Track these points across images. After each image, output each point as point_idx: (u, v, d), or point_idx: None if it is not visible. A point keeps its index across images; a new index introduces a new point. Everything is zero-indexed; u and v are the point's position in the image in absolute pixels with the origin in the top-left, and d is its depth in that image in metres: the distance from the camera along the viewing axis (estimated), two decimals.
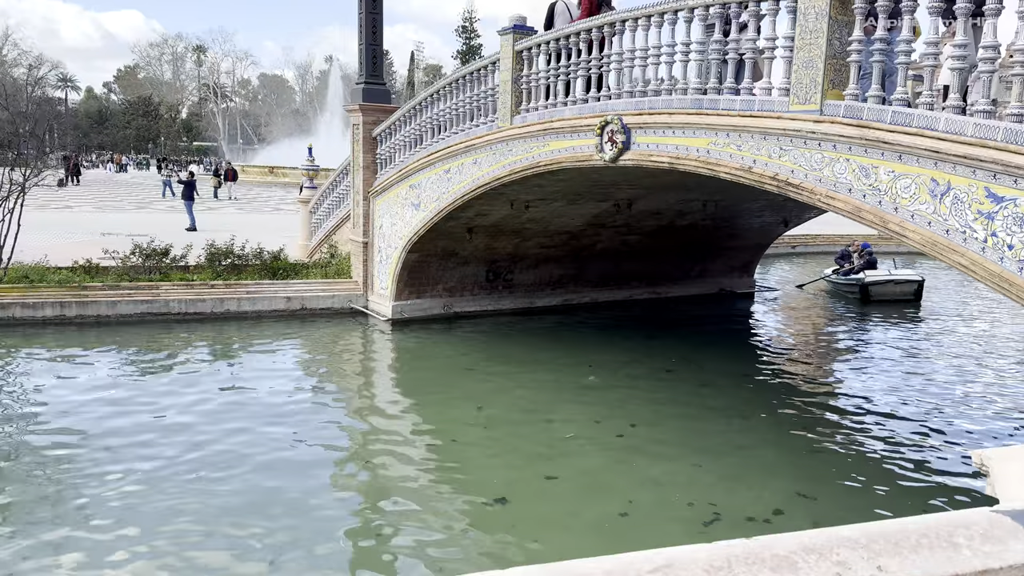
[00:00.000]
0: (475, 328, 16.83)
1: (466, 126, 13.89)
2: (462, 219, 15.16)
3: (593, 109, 10.86)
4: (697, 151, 9.24)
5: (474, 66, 13.74)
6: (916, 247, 7.24)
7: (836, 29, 7.90)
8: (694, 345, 15.97)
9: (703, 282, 21.02)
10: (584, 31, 11.04)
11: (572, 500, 8.82)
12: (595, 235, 17.72)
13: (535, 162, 12.07)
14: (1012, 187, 6.40)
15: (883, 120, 7.40)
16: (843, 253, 22.46)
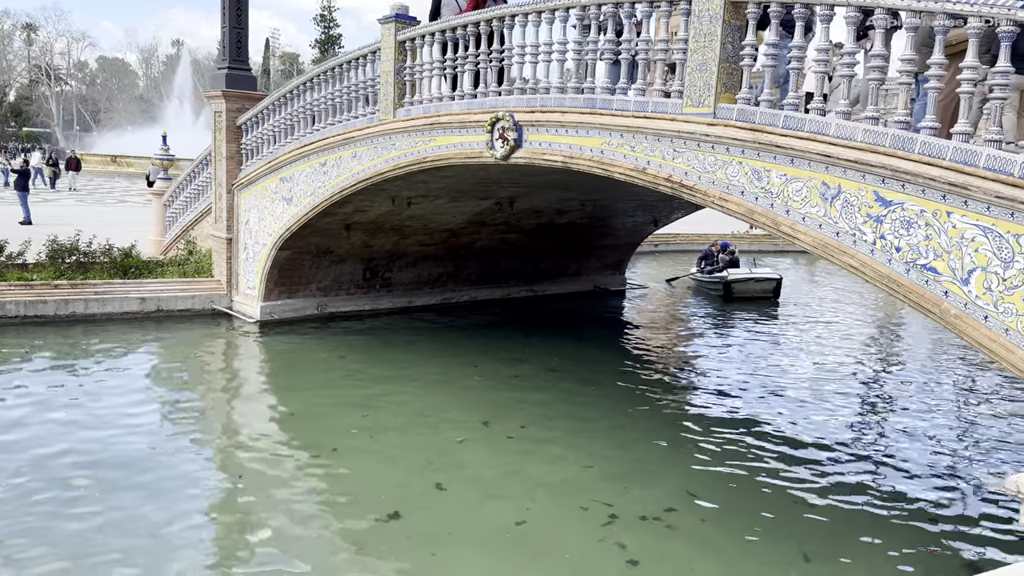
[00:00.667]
0: (352, 329, 16.14)
1: (344, 117, 13.22)
2: (339, 215, 14.46)
3: (483, 105, 10.55)
4: (591, 151, 9.14)
5: (353, 54, 13.09)
6: (808, 249, 7.42)
7: (729, 33, 7.99)
8: (574, 343, 16.05)
9: (579, 280, 21.26)
10: (472, 24, 10.70)
11: (467, 510, 8.51)
12: (475, 233, 17.46)
13: (421, 158, 11.62)
14: (900, 191, 6.66)
15: (775, 124, 7.55)
16: (706, 253, 23.36)
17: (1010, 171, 5.92)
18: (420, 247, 17.26)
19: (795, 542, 7.99)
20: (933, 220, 6.44)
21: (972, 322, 6.19)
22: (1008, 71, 6.06)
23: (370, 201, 14.16)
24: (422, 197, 14.52)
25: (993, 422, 12.04)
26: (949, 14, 6.31)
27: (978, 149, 6.13)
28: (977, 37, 6.19)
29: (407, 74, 12.01)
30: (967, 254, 6.22)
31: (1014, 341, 5.93)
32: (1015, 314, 5.92)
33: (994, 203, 6.00)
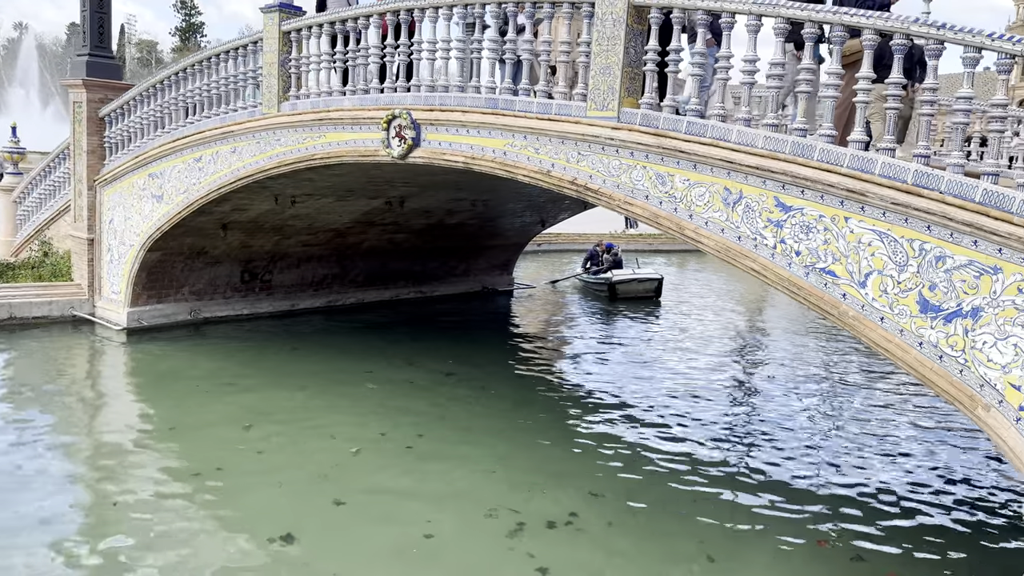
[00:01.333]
0: (230, 336, 15.23)
1: (223, 110, 12.41)
2: (216, 214, 13.59)
3: (377, 101, 10.14)
4: (494, 152, 8.94)
5: (233, 44, 12.31)
6: (711, 252, 7.52)
7: (632, 37, 7.99)
8: (467, 345, 15.83)
9: (467, 280, 21.05)
10: (364, 16, 10.26)
11: (369, 526, 8.12)
12: (362, 233, 16.90)
13: (309, 154, 11.05)
14: (799, 197, 6.84)
15: (678, 130, 7.61)
16: (592, 253, 23.71)
17: (904, 178, 6.19)
18: (303, 248, 16.53)
19: (697, 541, 8.11)
20: (831, 225, 6.65)
21: (869, 323, 6.43)
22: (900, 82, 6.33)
23: (250, 199, 13.39)
24: (307, 196, 13.88)
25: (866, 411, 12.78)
26: (847, 26, 6.53)
27: (874, 156, 6.37)
28: (872, 49, 6.43)
29: (292, 66, 11.40)
30: (864, 258, 6.45)
31: (908, 341, 6.20)
32: (909, 315, 6.19)
33: (889, 209, 6.25)
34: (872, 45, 6.43)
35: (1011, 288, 5.59)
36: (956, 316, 5.91)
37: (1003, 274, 5.63)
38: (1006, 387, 5.63)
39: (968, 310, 5.83)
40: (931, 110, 6.23)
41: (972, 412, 5.88)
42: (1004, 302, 5.63)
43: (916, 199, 6.07)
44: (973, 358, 5.82)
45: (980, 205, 5.70)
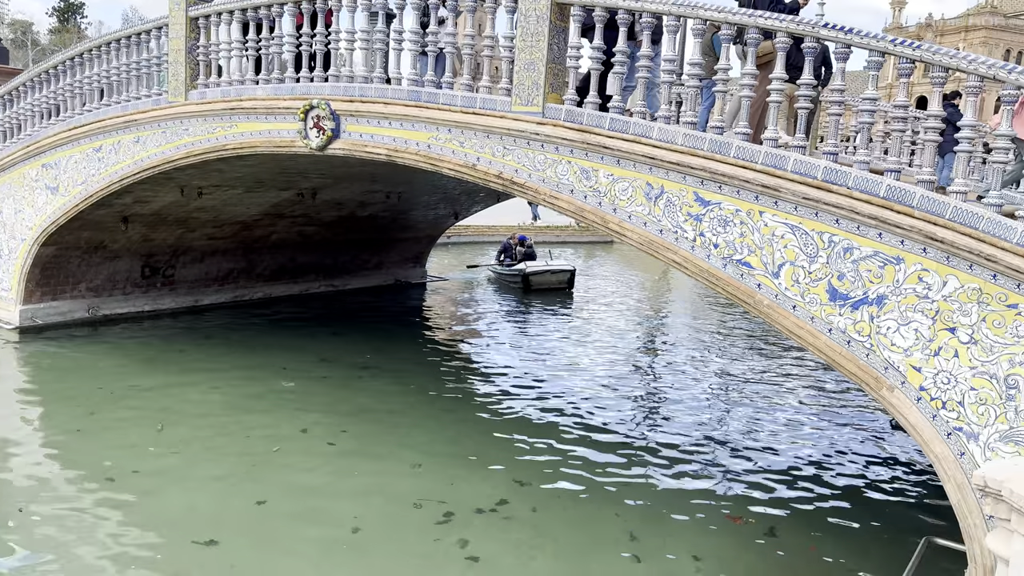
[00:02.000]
0: (131, 333, 14.60)
1: (125, 97, 11.83)
2: (116, 206, 12.98)
3: (294, 91, 9.92)
4: (417, 144, 8.92)
5: (136, 29, 11.75)
6: (634, 245, 7.77)
7: (555, 34, 8.14)
8: (383, 338, 15.71)
9: (379, 273, 20.84)
10: (279, 4, 10.01)
11: (294, 525, 8.00)
12: (271, 226, 16.48)
13: (220, 145, 10.70)
14: (717, 192, 7.16)
15: (602, 126, 7.81)
16: (505, 246, 23.84)
17: (814, 174, 6.58)
18: (209, 241, 15.98)
19: (620, 521, 8.40)
20: (747, 219, 7.00)
21: (783, 311, 6.82)
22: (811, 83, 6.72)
23: (154, 191, 12.84)
24: (215, 187, 13.42)
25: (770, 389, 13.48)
26: (761, 28, 6.87)
27: (786, 154, 6.74)
28: (784, 50, 6.80)
29: (201, 54, 10.99)
30: (777, 250, 6.83)
31: (818, 328, 6.61)
32: (819, 304, 6.60)
33: (801, 203, 6.64)
34: (784, 47, 6.79)
35: (912, 277, 6.05)
36: (863, 303, 6.34)
37: (905, 264, 6.10)
38: (908, 369, 6.10)
39: (874, 298, 6.28)
40: (838, 110, 6.64)
41: (878, 392, 6.34)
42: (906, 290, 6.10)
43: (826, 194, 6.47)
44: (878, 342, 6.27)
45: (884, 200, 6.14)
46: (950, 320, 5.89)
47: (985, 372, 5.74)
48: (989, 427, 5.70)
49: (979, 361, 5.77)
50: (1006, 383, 5.64)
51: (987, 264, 5.67)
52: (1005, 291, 5.64)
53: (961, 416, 5.88)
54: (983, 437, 5.74)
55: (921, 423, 5.99)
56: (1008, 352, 5.63)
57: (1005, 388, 5.65)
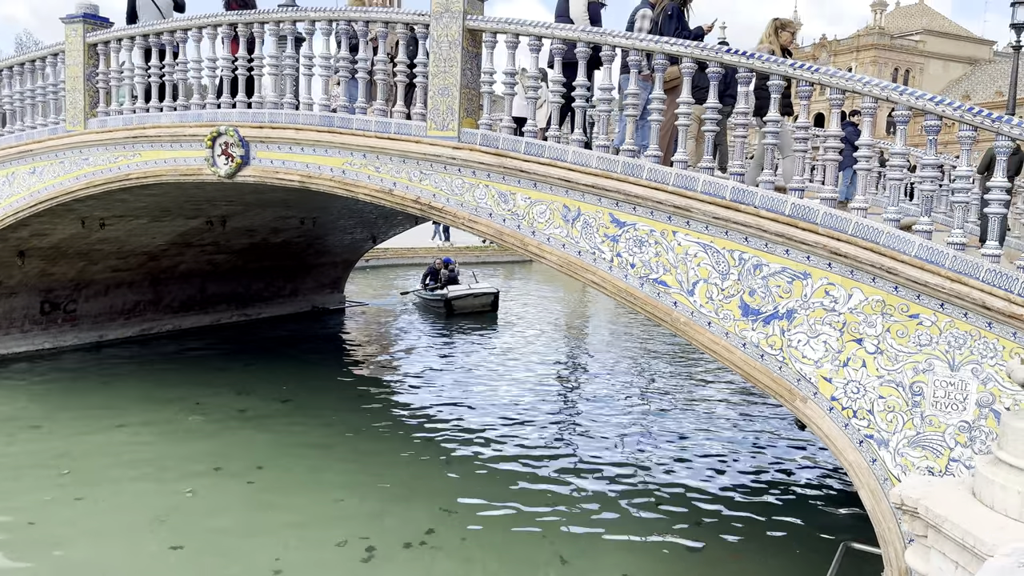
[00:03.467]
0: (31, 374, 13.79)
1: (19, 127, 11.24)
2: (11, 241, 12.29)
3: (200, 117, 9.61)
4: (331, 170, 8.77)
5: (28, 55, 11.21)
6: (554, 267, 7.82)
7: (468, 60, 8.16)
8: (300, 369, 15.31)
9: (295, 300, 20.35)
10: (182, 29, 9.72)
11: (213, 569, 7.67)
12: (178, 255, 15.90)
13: (123, 174, 10.27)
14: (632, 213, 7.29)
15: (518, 150, 7.85)
16: (431, 270, 23.45)
17: (722, 195, 6.77)
18: (113, 273, 15.30)
19: (549, 544, 8.38)
20: (661, 239, 7.14)
21: (698, 328, 6.97)
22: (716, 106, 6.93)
23: (53, 223, 12.22)
24: (118, 217, 12.87)
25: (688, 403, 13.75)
26: (668, 54, 7.06)
27: (696, 175, 6.92)
28: (690, 75, 7.00)
29: (101, 81, 10.55)
30: (691, 268, 6.98)
31: (733, 343, 6.78)
32: (733, 319, 6.78)
33: (711, 223, 6.82)
34: (690, 72, 6.99)
35: (819, 291, 6.28)
36: (774, 318, 6.54)
37: (812, 279, 6.32)
38: (819, 380, 6.31)
39: (784, 312, 6.48)
40: (743, 132, 6.87)
41: (791, 404, 6.53)
42: (814, 304, 6.32)
43: (734, 213, 6.66)
44: (790, 355, 6.47)
45: (790, 218, 6.37)
46: (857, 332, 6.13)
47: (892, 380, 5.99)
48: (898, 433, 5.95)
49: (885, 370, 6.01)
50: (911, 390, 5.90)
51: (888, 277, 5.93)
52: (907, 302, 5.91)
53: (871, 424, 6.11)
54: (893, 443, 5.98)
55: (834, 432, 6.20)
56: (912, 360, 5.89)
57: (911, 395, 5.90)
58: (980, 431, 5.64)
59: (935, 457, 5.83)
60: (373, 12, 8.57)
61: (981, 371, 5.64)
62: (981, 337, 5.64)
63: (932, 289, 5.75)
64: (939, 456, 5.82)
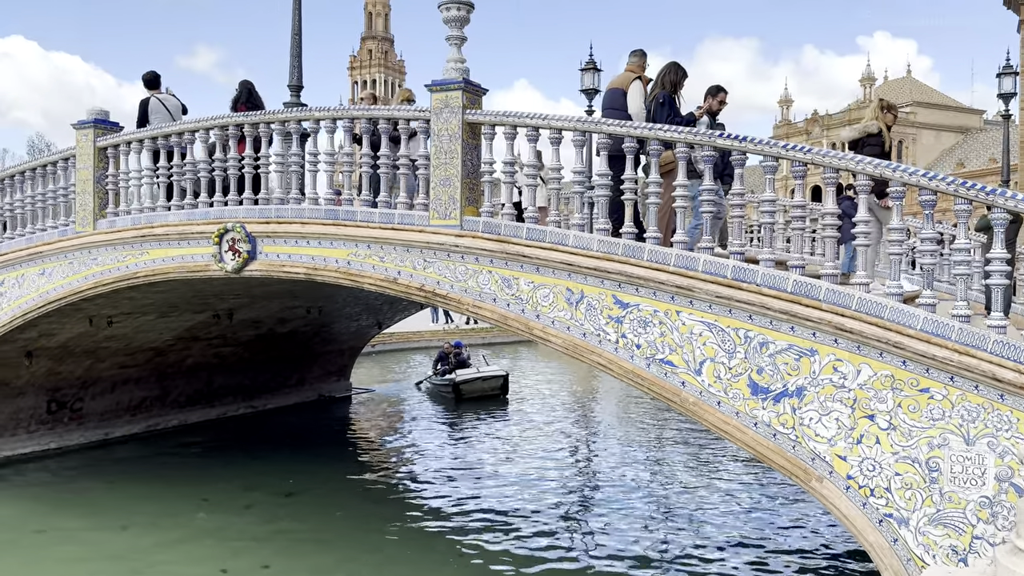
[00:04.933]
0: (37, 475, 13.62)
1: (29, 230, 11.47)
2: (20, 342, 12.34)
3: (207, 215, 9.81)
4: (337, 262, 8.89)
5: (40, 160, 11.56)
6: (559, 350, 7.82)
7: (468, 151, 8.38)
8: (307, 461, 15.10)
9: (302, 390, 20.25)
10: (190, 132, 10.03)
11: None
12: (185, 350, 15.93)
13: (131, 273, 10.41)
14: (635, 295, 7.33)
15: (519, 236, 7.98)
16: (441, 355, 23.18)
17: (724, 273, 6.83)
18: (119, 370, 15.29)
19: None
20: (665, 319, 7.16)
21: (708, 408, 6.91)
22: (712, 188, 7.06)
23: (61, 323, 12.31)
24: (126, 315, 12.96)
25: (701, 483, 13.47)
26: (661, 140, 7.24)
27: (697, 255, 7.00)
28: (684, 159, 7.16)
29: (111, 183, 10.83)
30: (697, 347, 6.98)
31: (744, 423, 6.71)
32: (743, 398, 6.73)
33: (715, 302, 6.85)
34: (684, 156, 7.16)
35: (827, 367, 6.26)
36: (783, 396, 6.49)
37: (819, 355, 6.30)
38: (834, 459, 6.21)
39: (793, 390, 6.44)
40: (741, 212, 6.98)
41: (807, 484, 6.41)
42: (823, 380, 6.28)
43: (737, 292, 6.70)
44: (803, 434, 6.39)
45: (792, 295, 6.40)
46: (868, 408, 6.07)
47: (907, 456, 5.89)
48: (918, 511, 5.82)
49: (900, 446, 5.93)
50: (928, 466, 5.80)
51: (896, 351, 5.92)
52: (916, 376, 5.87)
53: (890, 502, 5.98)
54: (913, 522, 5.84)
55: (852, 512, 6.06)
56: (926, 435, 5.82)
57: (927, 471, 5.80)
58: (1002, 506, 5.52)
59: (958, 535, 5.69)
60: (376, 110, 8.84)
61: (997, 444, 5.56)
62: (994, 410, 5.58)
63: (940, 362, 5.72)
64: (962, 534, 5.67)
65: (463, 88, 8.29)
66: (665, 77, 8.17)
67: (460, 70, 8.46)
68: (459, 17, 8.47)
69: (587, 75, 22.96)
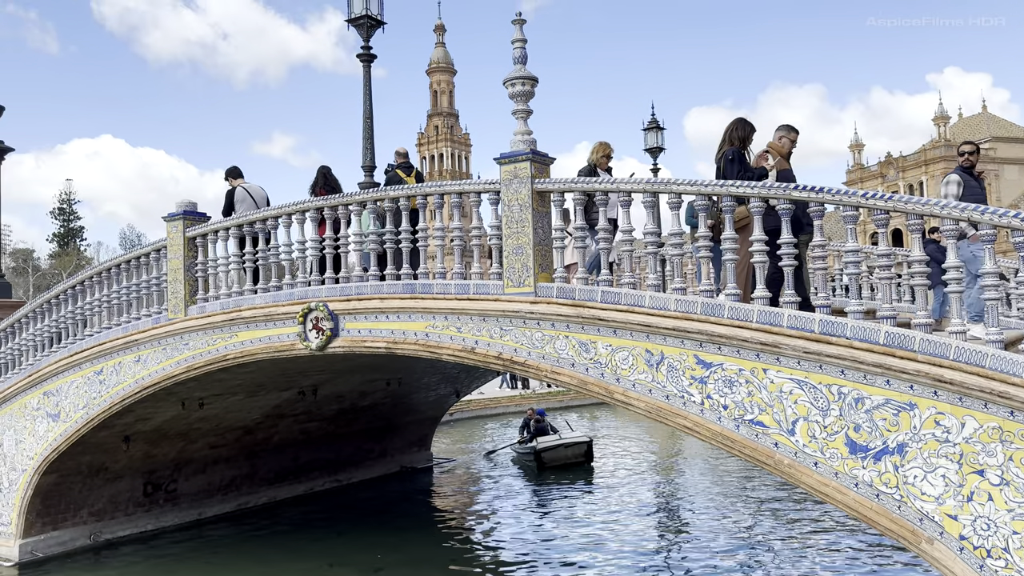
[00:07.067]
0: (134, 558, 13.96)
1: (125, 319, 12.08)
2: (118, 427, 12.86)
3: (292, 296, 10.16)
4: (416, 335, 9.03)
5: (134, 253, 12.23)
6: (642, 413, 7.68)
7: (539, 219, 8.48)
8: (393, 534, 15.09)
9: (384, 462, 20.38)
10: (273, 218, 10.49)
11: None
12: (272, 427, 16.30)
13: (221, 355, 10.80)
14: (717, 353, 7.18)
15: (595, 299, 7.96)
16: (525, 422, 22.84)
17: (811, 328, 6.63)
18: (210, 450, 15.72)
19: None
20: (752, 377, 6.97)
21: (804, 469, 6.63)
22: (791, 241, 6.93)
23: (155, 407, 12.79)
24: (216, 396, 13.39)
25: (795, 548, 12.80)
26: (734, 195, 7.18)
27: (780, 310, 6.83)
28: (760, 214, 7.07)
29: (200, 270, 11.36)
30: (788, 406, 6.75)
31: (844, 483, 6.41)
32: (840, 458, 6.44)
33: (803, 357, 6.64)
34: (759, 211, 7.07)
35: (928, 422, 5.95)
36: (884, 454, 6.19)
37: (919, 409, 6.01)
38: (943, 518, 5.85)
39: (894, 447, 6.13)
40: (823, 264, 6.81)
41: (917, 547, 6.04)
42: (925, 436, 5.97)
43: (826, 346, 6.49)
44: (908, 493, 6.06)
45: (885, 347, 6.16)
46: (976, 463, 5.73)
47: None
48: None
49: (1015, 503, 5.55)
50: None
51: (1002, 401, 5.60)
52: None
53: (1010, 563, 5.58)
54: None
55: None
56: None
57: None
58: None
59: None
60: (448, 185, 9.08)
61: None
62: None
63: None
64: None
65: (531, 159, 8.46)
66: (733, 133, 8.14)
67: (527, 141, 8.65)
68: (524, 92, 8.70)
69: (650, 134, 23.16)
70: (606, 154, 10.08)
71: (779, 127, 8.35)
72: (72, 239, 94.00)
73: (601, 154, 10.04)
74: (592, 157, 10.08)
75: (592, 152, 10.14)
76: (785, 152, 8.16)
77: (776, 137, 8.27)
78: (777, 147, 8.15)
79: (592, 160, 10.03)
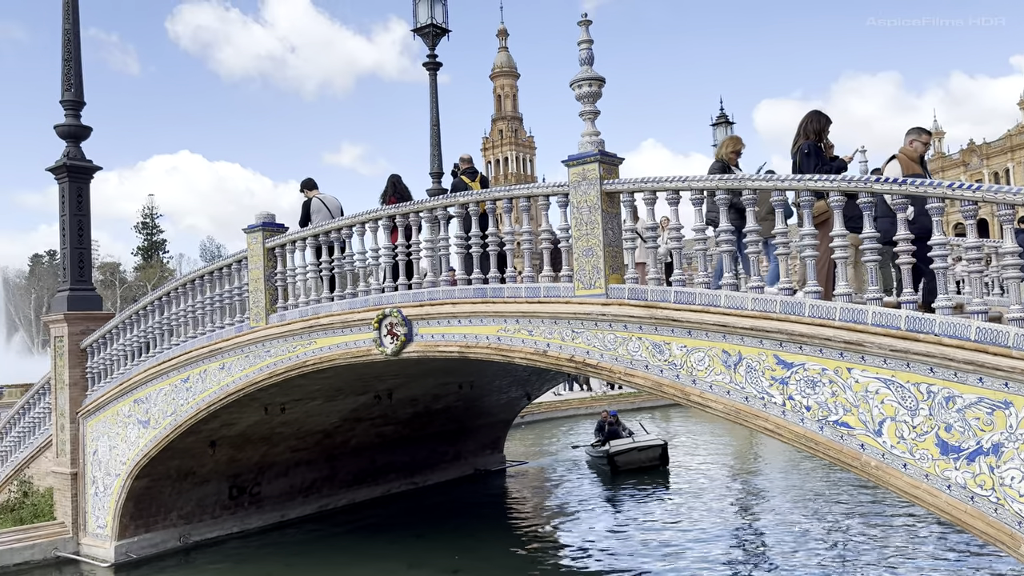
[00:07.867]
0: (219, 558, 14.46)
1: (209, 328, 12.54)
2: (204, 432, 13.34)
3: (366, 303, 10.38)
4: (487, 338, 9.10)
5: (216, 264, 12.69)
6: (721, 416, 7.55)
7: (608, 220, 8.44)
8: (469, 536, 15.22)
9: (458, 464, 20.57)
10: (348, 227, 10.74)
11: None
12: (350, 431, 16.65)
13: (300, 362, 11.11)
14: (799, 353, 7.00)
15: (668, 300, 7.87)
16: (599, 424, 22.60)
17: (897, 325, 6.41)
18: (292, 453, 16.16)
19: None
20: (836, 377, 6.77)
21: (893, 471, 6.41)
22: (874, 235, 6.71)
23: (240, 413, 13.23)
24: (296, 401, 13.77)
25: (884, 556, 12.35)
26: (812, 190, 7.00)
27: (864, 307, 6.62)
28: (840, 208, 6.87)
29: (278, 279, 11.70)
30: (874, 406, 6.53)
31: (936, 485, 6.16)
32: (931, 459, 6.19)
33: (889, 356, 6.42)
34: (839, 205, 6.87)
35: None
36: (978, 454, 5.93)
37: (1015, 407, 5.74)
38: None
39: (989, 447, 5.87)
40: (907, 259, 6.57)
41: (1015, 551, 5.76)
42: (1022, 435, 5.69)
43: (913, 344, 6.26)
44: (1005, 495, 5.79)
45: (977, 343, 5.90)
46: None
47: None
48: None
49: None
50: None
51: None
52: None
53: None
54: None
55: None
56: None
57: None
58: None
59: None
60: (516, 190, 9.12)
61: None
62: None
63: None
64: None
65: (599, 160, 8.42)
66: (808, 126, 7.94)
67: (595, 143, 8.61)
68: (591, 93, 8.68)
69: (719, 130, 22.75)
70: (736, 149, 9.61)
71: (909, 131, 8.14)
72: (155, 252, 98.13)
73: (731, 149, 9.59)
74: (721, 152, 9.66)
75: (721, 147, 9.77)
76: (917, 157, 7.94)
77: (907, 142, 8.07)
78: (908, 152, 7.94)
79: (722, 155, 9.57)
